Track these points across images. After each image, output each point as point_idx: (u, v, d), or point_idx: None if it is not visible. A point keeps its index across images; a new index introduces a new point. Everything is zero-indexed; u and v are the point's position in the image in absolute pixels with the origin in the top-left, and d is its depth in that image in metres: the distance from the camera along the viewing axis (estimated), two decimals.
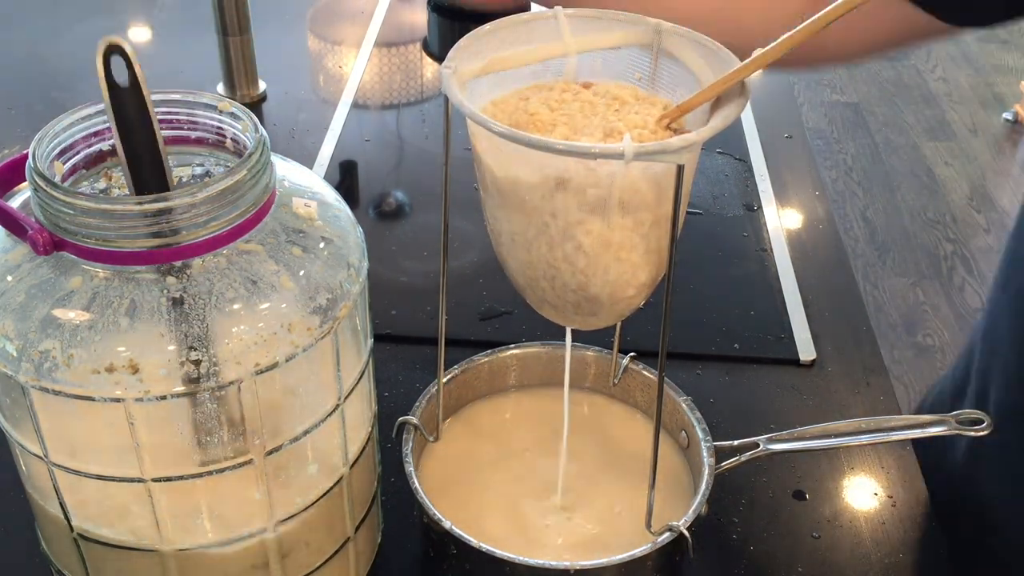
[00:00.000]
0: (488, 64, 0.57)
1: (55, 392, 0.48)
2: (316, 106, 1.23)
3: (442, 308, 0.64)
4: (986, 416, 0.66)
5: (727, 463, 0.67)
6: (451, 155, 0.59)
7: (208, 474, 0.52)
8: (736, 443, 0.68)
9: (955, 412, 0.67)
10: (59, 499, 0.54)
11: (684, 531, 0.61)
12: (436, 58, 1.35)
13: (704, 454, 0.66)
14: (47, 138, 0.51)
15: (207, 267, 0.49)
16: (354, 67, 1.30)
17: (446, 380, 0.71)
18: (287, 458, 0.55)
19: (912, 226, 2.50)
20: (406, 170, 1.13)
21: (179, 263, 0.49)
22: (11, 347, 0.48)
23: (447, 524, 0.61)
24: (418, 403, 0.69)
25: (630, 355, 0.74)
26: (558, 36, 0.59)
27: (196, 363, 0.48)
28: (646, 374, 0.73)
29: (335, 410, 0.56)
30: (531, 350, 0.75)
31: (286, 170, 0.57)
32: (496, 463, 0.71)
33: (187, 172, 0.56)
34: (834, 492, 0.76)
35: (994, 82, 3.12)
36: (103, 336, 0.48)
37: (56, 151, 0.52)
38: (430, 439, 0.70)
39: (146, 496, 0.52)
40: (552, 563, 0.60)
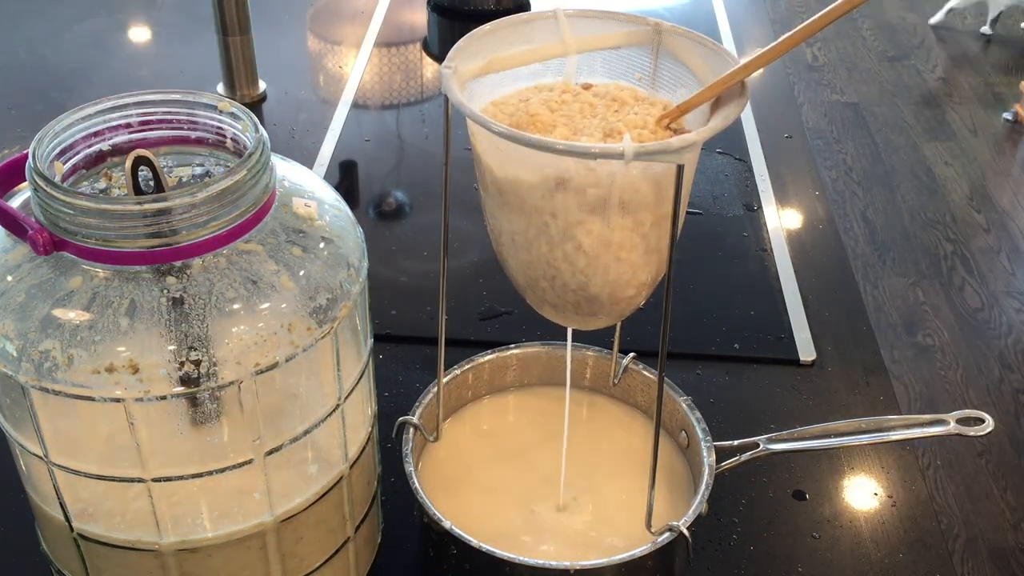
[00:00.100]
0: (488, 64, 0.57)
1: (55, 392, 0.48)
2: (316, 106, 1.23)
3: (442, 308, 0.64)
4: (986, 416, 0.66)
5: (727, 463, 0.67)
6: (451, 155, 0.59)
7: (208, 474, 0.52)
8: (736, 443, 0.68)
9: (955, 412, 0.67)
10: (59, 499, 0.54)
11: (684, 531, 0.61)
12: (436, 58, 1.35)
13: (704, 454, 0.66)
14: (47, 138, 0.51)
15: (207, 267, 0.49)
16: (354, 67, 1.30)
17: (446, 380, 0.71)
18: (287, 458, 0.55)
19: (912, 226, 2.50)
20: (406, 170, 1.13)
21: (179, 263, 0.49)
22: (11, 347, 0.48)
23: (447, 524, 0.61)
24: (418, 403, 0.69)
25: (630, 355, 0.74)
26: (558, 36, 0.59)
27: (196, 363, 0.48)
28: (646, 374, 0.73)
29: (335, 410, 0.56)
30: (531, 350, 0.75)
31: (286, 170, 0.57)
32: (496, 463, 0.71)
33: (187, 172, 0.56)
34: (834, 492, 0.76)
35: (994, 82, 3.12)
36: (103, 336, 0.48)
37: (56, 151, 0.52)
38: (430, 439, 0.70)
39: (146, 496, 0.52)
40: (552, 563, 0.60)
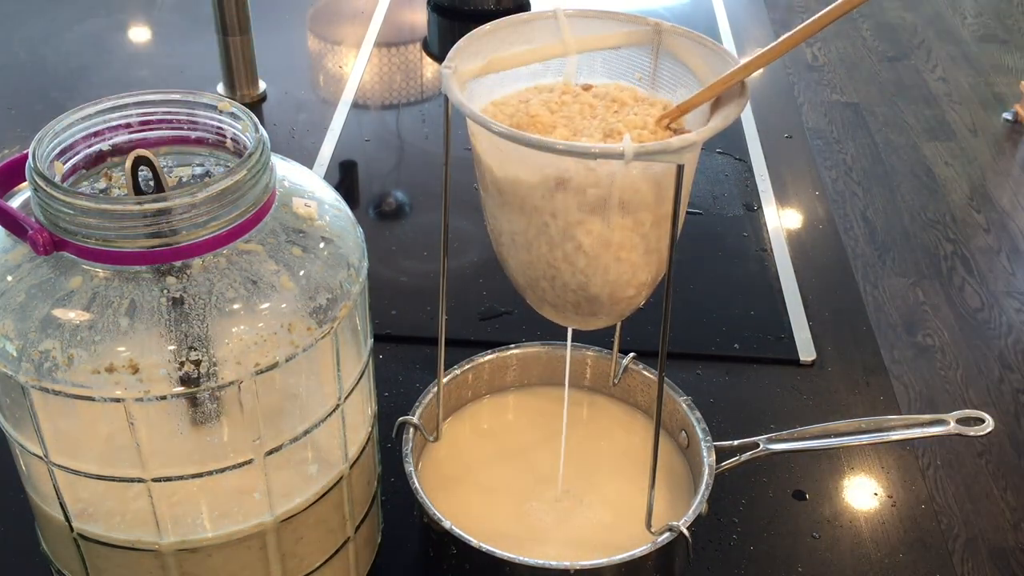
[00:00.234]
0: (488, 64, 0.57)
1: (55, 392, 0.48)
2: (316, 106, 1.23)
3: (442, 308, 0.64)
4: (986, 416, 0.66)
5: (727, 463, 0.67)
6: (451, 155, 0.59)
7: (208, 474, 0.52)
8: (736, 443, 0.68)
9: (955, 412, 0.67)
10: (59, 499, 0.54)
11: (684, 531, 0.61)
12: (436, 58, 1.35)
13: (704, 454, 0.66)
14: (47, 138, 0.51)
15: (207, 267, 0.49)
16: (354, 67, 1.30)
17: (446, 380, 0.71)
18: (287, 458, 0.55)
19: (912, 226, 2.50)
20: (406, 170, 1.13)
21: (179, 263, 0.49)
22: (11, 347, 0.48)
23: (447, 524, 0.61)
24: (418, 403, 0.69)
25: (630, 355, 0.74)
26: (558, 36, 0.59)
27: (196, 363, 0.48)
28: (646, 374, 0.73)
29: (335, 410, 0.56)
30: (531, 350, 0.75)
31: (286, 170, 0.57)
32: (496, 463, 0.71)
33: (187, 172, 0.56)
34: (834, 492, 0.76)
35: (994, 82, 3.12)
36: (103, 336, 0.48)
37: (56, 151, 0.52)
38: (430, 439, 0.70)
39: (146, 496, 0.52)
40: (552, 563, 0.60)
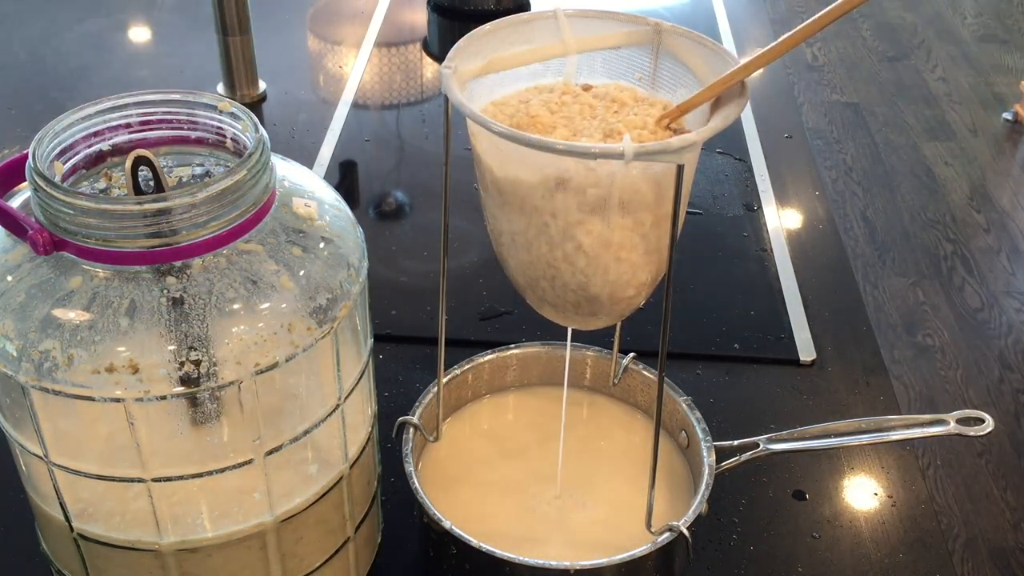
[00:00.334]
0: (488, 64, 0.57)
1: (55, 392, 0.48)
2: (316, 106, 1.23)
3: (442, 308, 0.64)
4: (986, 415, 0.66)
5: (727, 463, 0.67)
6: (451, 155, 0.59)
7: (208, 474, 0.52)
8: (736, 443, 0.68)
9: (955, 412, 0.67)
10: (59, 499, 0.54)
11: (684, 531, 0.61)
12: (436, 58, 1.35)
13: (704, 454, 0.66)
14: (47, 138, 0.51)
15: (207, 267, 0.49)
16: (354, 67, 1.30)
17: (446, 380, 0.71)
18: (287, 458, 0.55)
19: (912, 226, 2.50)
20: (406, 170, 1.13)
21: (179, 263, 0.49)
22: (11, 347, 0.48)
23: (447, 524, 0.61)
24: (418, 403, 0.69)
25: (630, 355, 0.74)
26: (558, 36, 0.59)
27: (196, 363, 0.48)
28: (646, 374, 0.73)
29: (335, 410, 0.56)
30: (531, 350, 0.75)
31: (286, 170, 0.57)
32: (496, 463, 0.71)
33: (187, 172, 0.56)
34: (834, 492, 0.76)
35: (994, 82, 3.12)
36: (103, 336, 0.48)
37: (56, 151, 0.52)
38: (430, 439, 0.70)
39: (146, 496, 0.52)
40: (552, 563, 0.60)
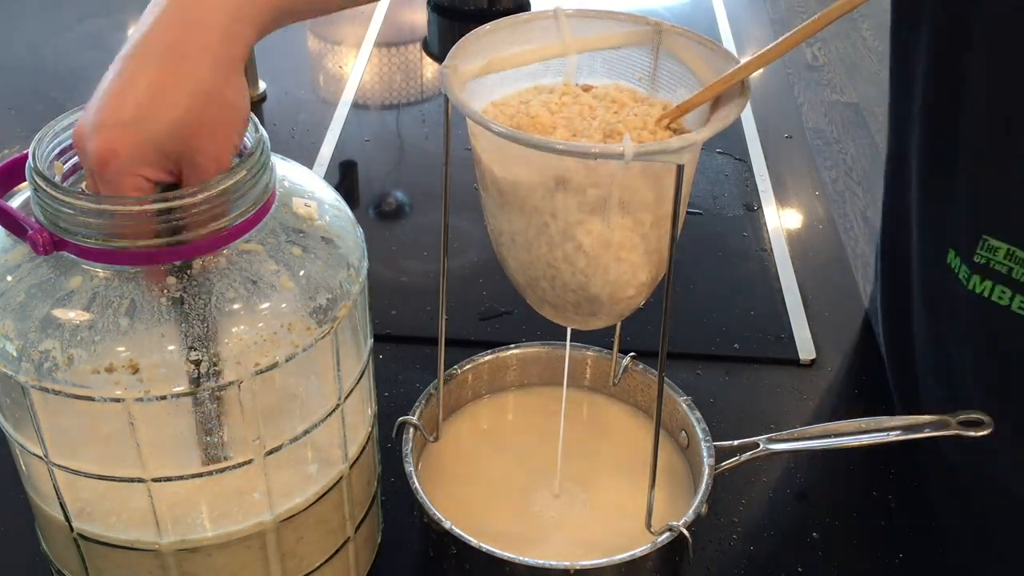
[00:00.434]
0: (488, 64, 0.57)
1: (55, 392, 0.48)
2: (316, 106, 1.23)
3: (442, 308, 0.64)
4: (986, 416, 0.66)
5: (727, 463, 0.67)
6: (451, 155, 0.59)
7: (208, 474, 0.52)
8: (736, 443, 0.68)
9: (955, 412, 0.67)
10: (59, 499, 0.54)
11: (684, 531, 0.61)
12: (436, 58, 1.35)
13: (704, 454, 0.66)
14: (47, 138, 0.51)
15: (207, 267, 0.49)
16: (354, 67, 1.30)
17: (446, 380, 0.71)
18: (287, 458, 0.55)
19: None
20: (406, 170, 1.13)
21: (179, 263, 0.49)
22: (11, 347, 0.48)
23: (447, 524, 0.61)
24: (418, 403, 0.69)
25: (630, 355, 0.74)
26: (558, 36, 0.59)
27: (196, 363, 0.48)
28: (646, 374, 0.73)
29: (335, 410, 0.56)
30: (531, 350, 0.75)
31: (286, 170, 0.57)
32: (496, 463, 0.71)
33: None
34: (834, 492, 0.76)
35: None
36: (103, 336, 0.48)
37: (56, 151, 0.52)
38: (430, 439, 0.70)
39: (146, 496, 0.52)
40: (552, 563, 0.60)
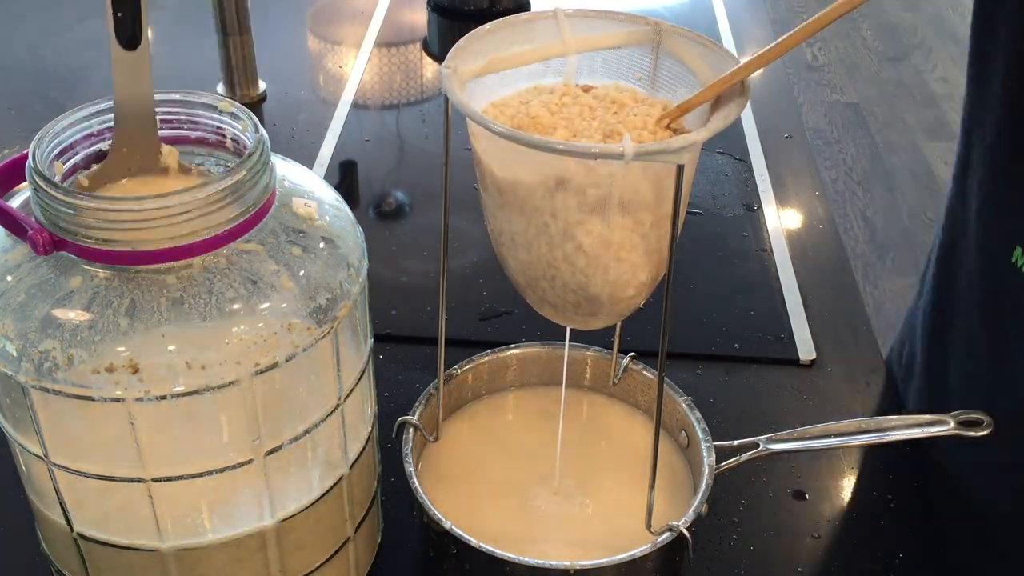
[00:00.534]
0: (488, 64, 0.57)
1: (55, 392, 0.48)
2: (316, 106, 1.23)
3: (442, 308, 0.64)
4: (986, 416, 0.66)
5: (727, 463, 0.67)
6: (451, 155, 0.59)
7: (208, 474, 0.52)
8: (736, 443, 0.68)
9: (955, 412, 0.67)
10: (59, 499, 0.54)
11: (684, 531, 0.61)
12: (436, 58, 1.35)
13: (704, 454, 0.66)
14: (47, 138, 0.51)
15: (207, 267, 0.49)
16: (354, 67, 1.30)
17: (446, 380, 0.71)
18: (287, 458, 0.55)
19: (912, 226, 2.50)
20: (406, 170, 1.13)
21: (179, 263, 0.49)
22: (11, 347, 0.48)
23: (447, 524, 0.61)
24: (418, 403, 0.69)
25: (630, 355, 0.74)
26: (558, 36, 0.59)
27: (196, 363, 0.48)
28: (646, 374, 0.73)
29: (335, 410, 0.56)
30: (531, 350, 0.75)
31: (286, 170, 0.57)
32: (496, 463, 0.71)
33: None
34: (834, 492, 0.76)
35: None
36: (103, 336, 0.48)
37: (56, 151, 0.52)
38: (430, 439, 0.70)
39: (146, 496, 0.52)
40: (552, 563, 0.60)
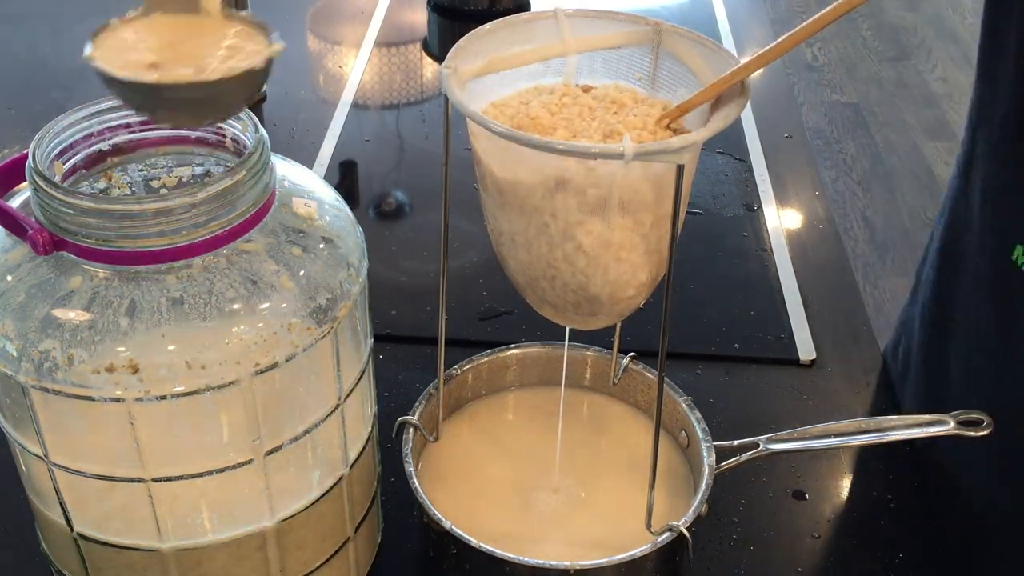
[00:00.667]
0: (488, 64, 0.57)
1: (55, 392, 0.48)
2: (316, 106, 1.23)
3: (442, 308, 0.64)
4: (985, 416, 0.66)
5: (727, 463, 0.67)
6: (451, 155, 0.59)
7: (208, 474, 0.52)
8: (736, 443, 0.68)
9: (955, 412, 0.67)
10: (59, 499, 0.54)
11: (684, 531, 0.61)
12: (436, 58, 1.35)
13: (704, 454, 0.66)
14: (47, 138, 0.51)
15: (207, 267, 0.49)
16: (354, 67, 1.30)
17: (446, 380, 0.71)
18: (287, 458, 0.55)
19: (912, 226, 2.50)
20: (406, 170, 1.13)
21: (179, 263, 0.49)
22: (11, 347, 0.48)
23: (447, 524, 0.61)
24: (418, 403, 0.69)
25: (630, 355, 0.74)
26: (558, 36, 0.59)
27: (196, 363, 0.48)
28: (646, 374, 0.73)
29: (335, 410, 0.56)
30: (531, 350, 0.75)
31: (286, 170, 0.57)
32: (496, 463, 0.71)
33: (187, 172, 0.56)
34: (834, 492, 0.76)
35: None
36: (103, 336, 0.48)
37: (56, 151, 0.52)
38: (430, 439, 0.70)
39: (146, 496, 0.52)
40: (552, 563, 0.60)
